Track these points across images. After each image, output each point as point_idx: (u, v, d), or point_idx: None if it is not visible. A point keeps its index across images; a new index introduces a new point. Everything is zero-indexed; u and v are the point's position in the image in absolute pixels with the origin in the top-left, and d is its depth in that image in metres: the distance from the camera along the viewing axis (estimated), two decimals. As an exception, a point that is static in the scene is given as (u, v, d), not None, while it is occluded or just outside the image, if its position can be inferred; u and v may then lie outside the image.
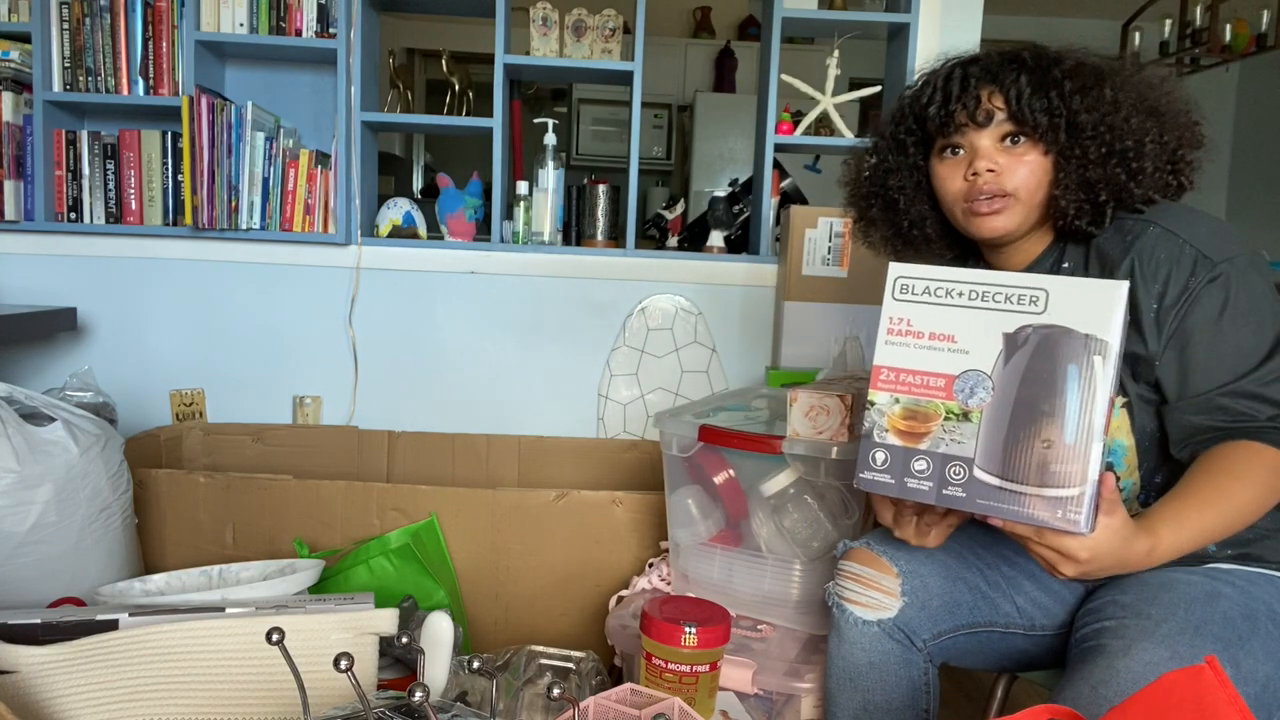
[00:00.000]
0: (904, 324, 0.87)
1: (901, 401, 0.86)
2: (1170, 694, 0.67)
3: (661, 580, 1.55)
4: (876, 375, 0.88)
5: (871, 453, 0.86)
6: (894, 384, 0.86)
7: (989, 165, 1.03)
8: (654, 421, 1.42)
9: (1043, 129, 1.00)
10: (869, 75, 2.46)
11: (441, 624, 1.16)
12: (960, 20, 2.20)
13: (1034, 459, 0.80)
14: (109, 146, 2.12)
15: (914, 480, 0.85)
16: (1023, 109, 1.00)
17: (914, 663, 1.09)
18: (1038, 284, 0.82)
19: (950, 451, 0.84)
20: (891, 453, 0.86)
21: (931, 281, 0.87)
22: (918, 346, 0.86)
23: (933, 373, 0.85)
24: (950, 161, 1.07)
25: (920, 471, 0.85)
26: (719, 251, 2.29)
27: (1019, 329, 0.82)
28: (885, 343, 0.87)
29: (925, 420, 0.85)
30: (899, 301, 0.88)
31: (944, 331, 0.85)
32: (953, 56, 1.09)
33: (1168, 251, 0.96)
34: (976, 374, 0.84)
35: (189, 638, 1.07)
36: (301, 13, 2.09)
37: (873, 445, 0.87)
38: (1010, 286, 0.83)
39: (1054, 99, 1.00)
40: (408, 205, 2.28)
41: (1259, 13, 3.56)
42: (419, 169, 5.03)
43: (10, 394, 1.45)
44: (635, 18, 2.19)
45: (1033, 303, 0.82)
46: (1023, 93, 1.00)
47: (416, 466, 2.19)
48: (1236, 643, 0.90)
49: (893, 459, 0.86)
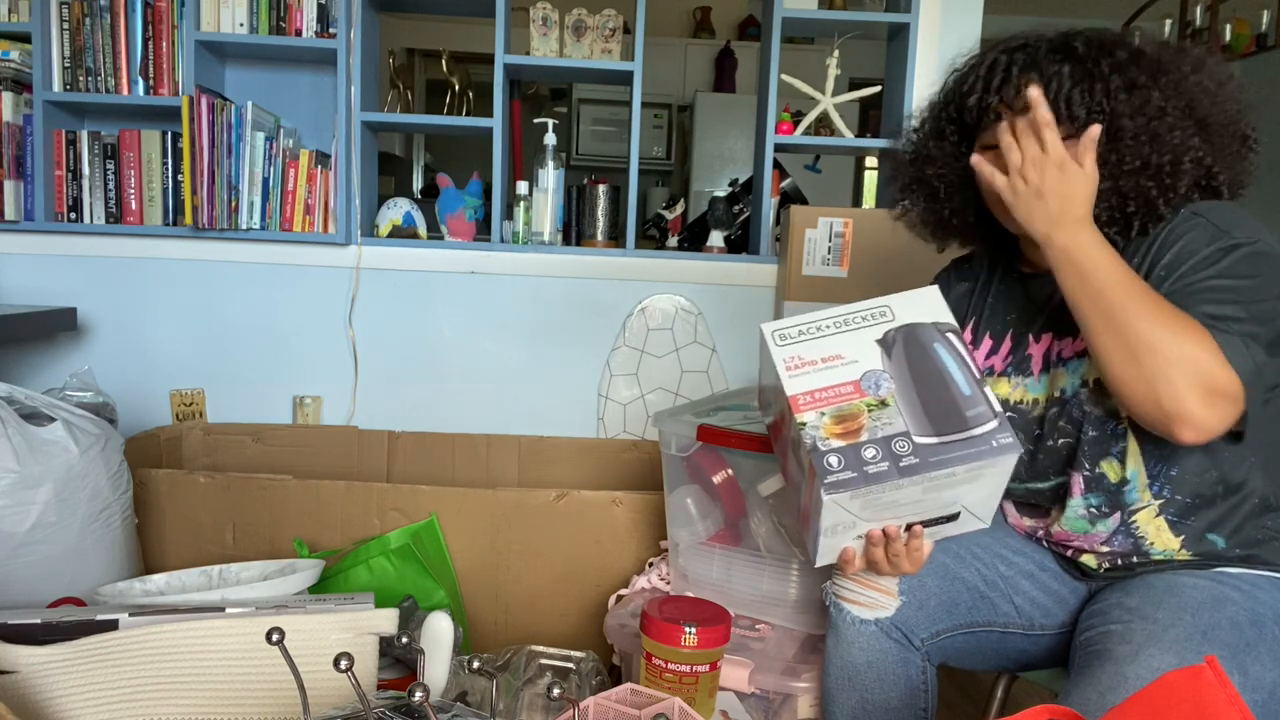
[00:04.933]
0: (795, 359, 0.98)
1: (827, 413, 0.95)
2: (1170, 694, 0.67)
3: (661, 579, 1.55)
4: (795, 403, 0.96)
5: (825, 460, 0.92)
6: (813, 403, 0.96)
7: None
8: (653, 421, 1.42)
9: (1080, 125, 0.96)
10: (869, 75, 2.46)
11: (441, 624, 1.16)
12: (960, 20, 2.20)
13: (953, 413, 0.93)
14: (109, 146, 2.12)
15: (872, 466, 0.92)
16: (1059, 101, 0.96)
17: (912, 662, 1.09)
18: (880, 303, 1.00)
19: (888, 433, 0.93)
20: (842, 453, 0.93)
21: (800, 324, 1.00)
22: (815, 371, 0.97)
23: (839, 383, 0.96)
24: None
25: (873, 458, 0.92)
26: (719, 251, 2.29)
27: (885, 334, 0.98)
28: (790, 377, 0.97)
29: (854, 418, 0.95)
30: (782, 347, 0.99)
31: (830, 354, 0.98)
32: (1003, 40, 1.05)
33: (1197, 230, 0.95)
34: (874, 372, 0.97)
35: (189, 638, 1.07)
36: (301, 13, 2.09)
37: (822, 455, 0.93)
38: (862, 310, 1.00)
39: (1097, 93, 0.96)
40: (408, 205, 2.28)
41: (1259, 13, 3.56)
42: (419, 169, 5.03)
43: (10, 394, 1.45)
44: (635, 18, 2.19)
45: (883, 316, 0.99)
46: (1064, 84, 0.97)
47: (416, 466, 2.19)
48: (1244, 649, 0.90)
49: (845, 458, 0.92)
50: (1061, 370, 1.06)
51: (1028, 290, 1.12)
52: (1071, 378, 1.04)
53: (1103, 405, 1.01)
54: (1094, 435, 1.02)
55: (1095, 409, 1.01)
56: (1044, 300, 1.10)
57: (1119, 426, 1.00)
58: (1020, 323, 1.13)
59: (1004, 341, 1.14)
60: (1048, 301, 1.09)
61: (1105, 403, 1.00)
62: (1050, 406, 1.07)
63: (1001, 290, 1.16)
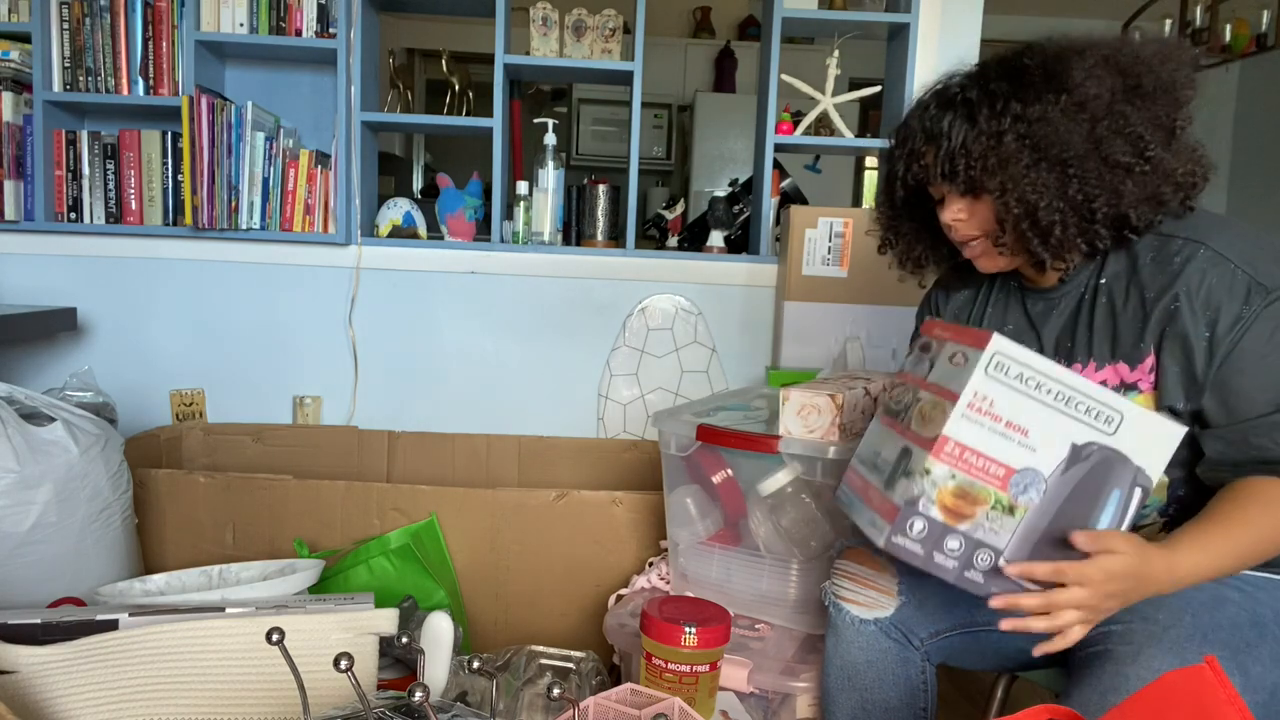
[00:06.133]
0: (987, 403, 0.86)
1: (958, 479, 0.86)
2: (1170, 694, 0.67)
3: (660, 579, 1.55)
4: (943, 445, 0.85)
5: (910, 520, 0.86)
6: (957, 460, 0.86)
7: (953, 216, 1.03)
8: (653, 421, 1.42)
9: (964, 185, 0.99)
10: (869, 75, 2.46)
11: (441, 624, 1.16)
12: (960, 20, 2.20)
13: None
14: (109, 146, 2.12)
15: (942, 556, 0.86)
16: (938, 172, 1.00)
17: (911, 661, 1.09)
18: (1118, 406, 0.85)
19: (984, 539, 0.86)
20: (930, 525, 0.86)
21: (1026, 369, 0.86)
22: (992, 430, 0.86)
23: (997, 460, 0.86)
24: (939, 209, 1.07)
25: (951, 550, 0.86)
26: (719, 251, 2.29)
27: (1088, 443, 0.85)
28: (963, 416, 0.86)
29: (974, 503, 0.86)
30: (989, 378, 0.86)
31: (1021, 424, 0.85)
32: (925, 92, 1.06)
33: (1220, 278, 0.92)
34: (1034, 473, 0.85)
35: (189, 638, 1.07)
36: (301, 13, 2.09)
37: (915, 513, 0.86)
38: (1095, 400, 0.86)
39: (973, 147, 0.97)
40: (408, 205, 2.28)
41: (1259, 13, 3.56)
42: (419, 169, 5.03)
43: (10, 394, 1.45)
44: (635, 18, 2.19)
45: (1108, 422, 0.85)
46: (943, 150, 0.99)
47: (416, 466, 2.19)
48: (1245, 649, 0.90)
49: (930, 531, 0.86)
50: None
51: (1026, 307, 1.12)
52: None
53: None
54: None
55: None
56: (1044, 321, 1.09)
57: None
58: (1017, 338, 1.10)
59: None
60: (1047, 320, 1.08)
61: None
62: None
63: (1000, 299, 1.16)
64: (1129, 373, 0.99)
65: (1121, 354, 1.00)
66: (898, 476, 0.90)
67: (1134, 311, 0.98)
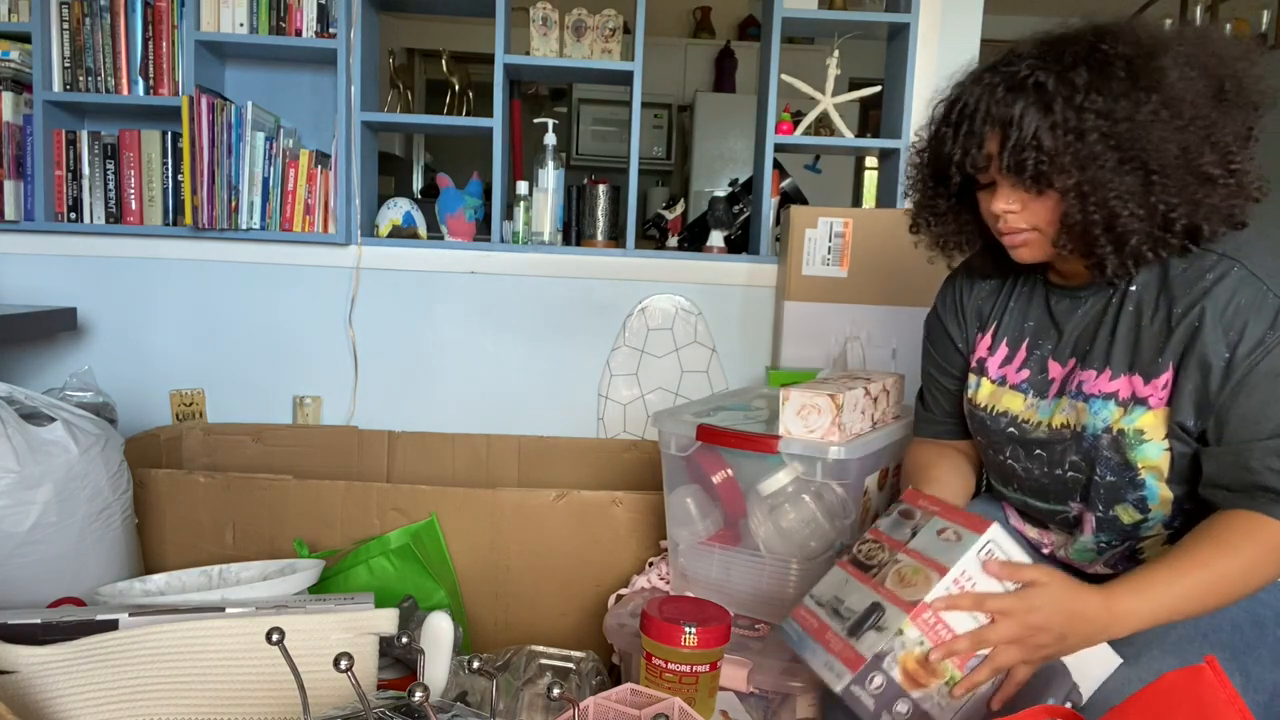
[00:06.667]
0: (970, 583, 0.89)
1: (925, 648, 0.88)
2: (1171, 694, 0.67)
3: (660, 579, 1.55)
4: (921, 611, 0.88)
5: (872, 675, 0.88)
6: (930, 629, 0.88)
7: (1005, 207, 0.97)
8: (653, 421, 1.42)
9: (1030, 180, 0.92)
10: (869, 75, 2.46)
11: (441, 624, 1.16)
12: (960, 20, 2.20)
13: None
14: (109, 146, 2.12)
15: (888, 716, 0.88)
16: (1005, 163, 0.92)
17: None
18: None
19: (931, 711, 0.88)
20: (888, 685, 0.88)
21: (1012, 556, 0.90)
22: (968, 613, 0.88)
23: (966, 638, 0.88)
24: (983, 194, 1.01)
25: (900, 713, 0.88)
26: (719, 251, 2.29)
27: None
28: (946, 587, 0.88)
29: (931, 675, 0.88)
30: (979, 561, 0.89)
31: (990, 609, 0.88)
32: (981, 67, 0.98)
33: (1249, 298, 0.90)
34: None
35: (189, 638, 1.07)
36: (301, 13, 2.09)
37: (878, 669, 0.88)
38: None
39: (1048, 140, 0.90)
40: (408, 205, 2.28)
41: (1259, 12, 3.56)
42: (419, 169, 5.02)
43: (10, 394, 1.45)
44: (635, 18, 2.19)
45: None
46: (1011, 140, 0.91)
47: (416, 466, 2.19)
48: (1245, 650, 0.90)
49: (886, 690, 0.88)
50: (1082, 405, 1.01)
51: (1050, 303, 1.08)
52: (1095, 419, 0.99)
53: (1123, 454, 0.97)
54: (1110, 480, 0.99)
55: (1115, 456, 0.98)
56: (1067, 319, 1.06)
57: (1138, 476, 0.98)
58: (1038, 334, 1.09)
59: (1019, 351, 1.11)
60: (1071, 321, 1.05)
61: (1127, 453, 0.97)
62: (1059, 435, 1.03)
63: (1024, 293, 1.12)
64: (1142, 386, 0.96)
65: (1139, 367, 0.97)
66: (866, 629, 0.91)
67: (1159, 325, 0.95)
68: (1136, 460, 0.96)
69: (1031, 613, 0.86)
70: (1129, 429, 0.96)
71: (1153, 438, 0.96)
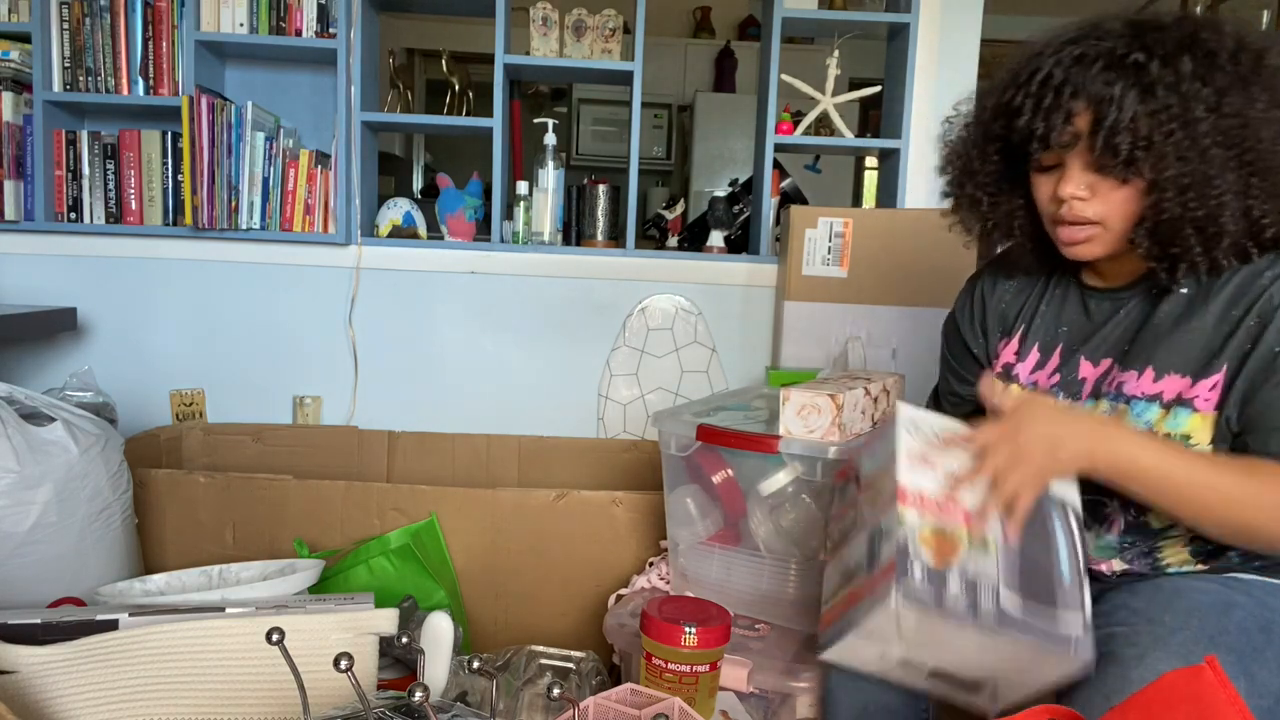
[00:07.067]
0: (921, 457, 0.91)
1: (928, 521, 0.88)
2: (1170, 694, 0.67)
3: (660, 579, 1.55)
4: (903, 495, 0.88)
5: (910, 564, 0.86)
6: (920, 505, 0.89)
7: (1074, 191, 0.91)
8: (653, 421, 1.42)
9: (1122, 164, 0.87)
10: (869, 75, 2.46)
11: (441, 624, 1.16)
12: (960, 20, 2.20)
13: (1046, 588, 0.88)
14: (109, 146, 2.12)
15: (949, 599, 0.87)
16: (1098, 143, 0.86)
17: (915, 664, 1.08)
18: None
19: (978, 576, 0.87)
20: (927, 571, 0.87)
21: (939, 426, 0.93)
22: (934, 479, 0.90)
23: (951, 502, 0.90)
24: (1043, 175, 0.96)
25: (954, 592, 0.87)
26: (719, 251, 2.29)
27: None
28: (906, 467, 0.90)
29: (953, 543, 0.88)
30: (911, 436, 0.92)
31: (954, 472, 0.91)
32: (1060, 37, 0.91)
33: None
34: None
35: (189, 638, 1.07)
36: (301, 13, 2.09)
37: (909, 559, 0.86)
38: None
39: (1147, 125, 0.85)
40: (408, 205, 2.28)
41: (1259, 12, 3.55)
42: (419, 169, 5.02)
43: (10, 394, 1.45)
44: (635, 18, 2.19)
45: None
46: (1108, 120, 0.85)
47: (416, 466, 2.19)
48: (1251, 654, 0.89)
49: (929, 576, 0.87)
50: (1124, 408, 0.98)
51: (1087, 305, 1.05)
52: (1136, 422, 0.96)
53: None
54: None
55: None
56: (1105, 320, 1.03)
57: None
58: (1073, 338, 1.06)
59: (1053, 356, 1.08)
60: (1109, 321, 1.03)
61: None
62: None
63: (1057, 296, 1.09)
64: (1189, 388, 0.94)
65: (1187, 368, 0.94)
66: (877, 552, 0.90)
67: (1211, 326, 0.93)
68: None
69: (1014, 414, 0.88)
70: (1175, 434, 0.94)
71: (1199, 441, 0.94)
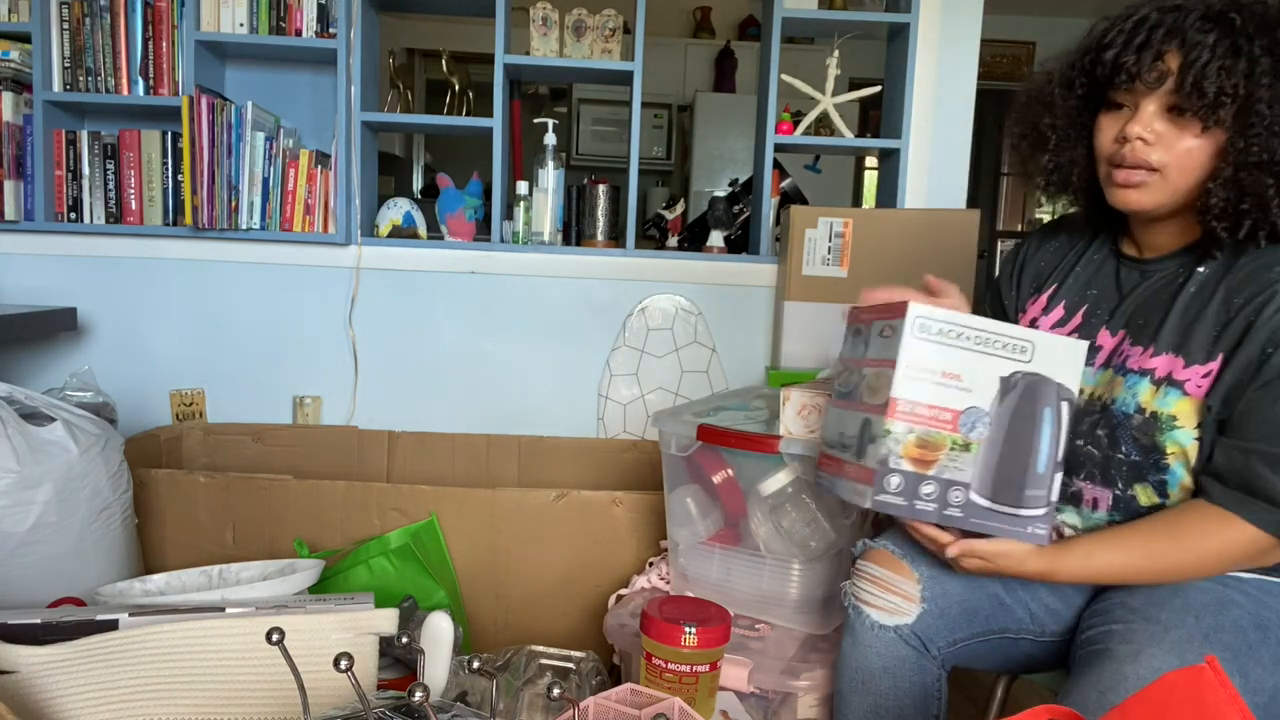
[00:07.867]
0: (920, 361, 0.95)
1: (915, 432, 0.95)
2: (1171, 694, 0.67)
3: (661, 579, 1.55)
4: (894, 407, 0.94)
5: (886, 477, 0.95)
6: (909, 416, 0.95)
7: (1141, 132, 0.93)
8: (653, 421, 1.42)
9: (1206, 107, 0.89)
10: (869, 75, 2.46)
11: (441, 624, 1.16)
12: (960, 20, 2.20)
13: (1016, 485, 0.96)
14: (109, 146, 2.12)
15: (921, 502, 0.96)
16: (1187, 80, 0.89)
17: (927, 669, 1.08)
18: (1027, 337, 0.96)
19: (952, 477, 0.95)
20: (905, 478, 0.95)
21: (946, 324, 0.95)
22: (932, 383, 0.95)
23: (943, 407, 0.95)
24: (1111, 115, 0.97)
25: (927, 495, 0.96)
26: (719, 251, 2.29)
27: (1012, 374, 0.95)
28: (904, 377, 0.94)
29: (934, 450, 0.95)
30: (918, 340, 0.95)
31: (954, 371, 0.95)
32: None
33: None
34: (977, 410, 0.95)
35: (189, 638, 1.07)
36: (301, 13, 2.09)
37: (888, 470, 0.95)
38: (1007, 336, 0.96)
39: (1237, 73, 0.88)
40: (408, 205, 2.28)
41: (1259, 13, 3.55)
42: (419, 169, 5.02)
43: (10, 394, 1.45)
44: (635, 18, 2.19)
45: (1022, 352, 0.96)
46: (1202, 57, 0.88)
47: (416, 466, 2.19)
48: (1246, 652, 0.89)
49: (905, 484, 0.95)
50: (1120, 380, 1.01)
51: (1119, 275, 1.07)
52: (1127, 394, 0.99)
53: (1152, 438, 0.97)
54: (1135, 460, 0.98)
55: (1144, 438, 0.97)
56: (1130, 290, 1.05)
57: (1163, 460, 0.97)
58: (1098, 304, 1.08)
59: (1075, 316, 1.10)
60: (1132, 291, 1.05)
61: (1156, 436, 0.96)
62: (1092, 408, 1.03)
63: (1094, 261, 1.11)
64: (1182, 369, 0.96)
65: (1185, 351, 0.96)
66: (865, 445, 0.98)
67: (1216, 313, 0.95)
68: (1165, 445, 0.96)
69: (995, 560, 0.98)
70: (1162, 413, 0.96)
71: (1184, 425, 0.95)
